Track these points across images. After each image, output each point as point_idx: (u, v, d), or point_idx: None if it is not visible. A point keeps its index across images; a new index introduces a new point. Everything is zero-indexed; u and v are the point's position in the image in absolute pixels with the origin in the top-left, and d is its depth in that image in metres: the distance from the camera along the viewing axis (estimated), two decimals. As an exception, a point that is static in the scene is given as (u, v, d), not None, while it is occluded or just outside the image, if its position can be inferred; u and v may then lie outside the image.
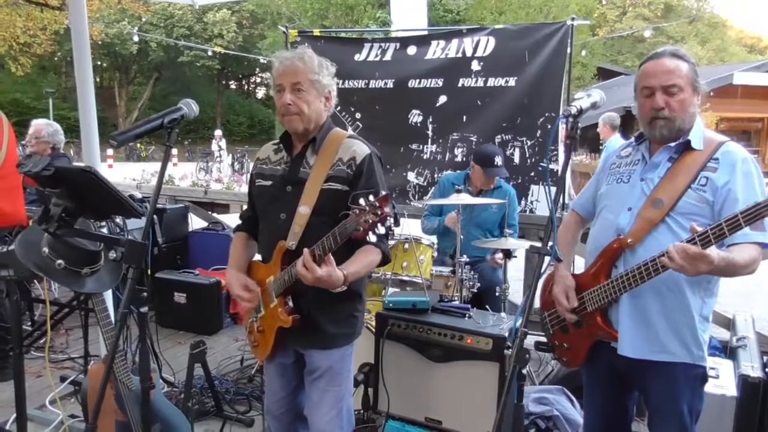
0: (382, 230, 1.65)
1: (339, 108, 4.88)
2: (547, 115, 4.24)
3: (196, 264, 5.05)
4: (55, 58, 29.85)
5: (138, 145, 28.13)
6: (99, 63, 33.53)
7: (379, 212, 1.61)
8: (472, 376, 2.56)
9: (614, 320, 1.83)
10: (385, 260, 1.97)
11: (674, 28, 31.37)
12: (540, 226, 4.32)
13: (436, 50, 4.52)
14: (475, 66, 4.41)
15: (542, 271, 1.64)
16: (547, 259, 1.65)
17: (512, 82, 4.32)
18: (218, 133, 19.22)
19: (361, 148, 1.97)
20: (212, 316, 4.56)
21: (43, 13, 10.08)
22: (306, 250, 1.76)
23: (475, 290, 3.50)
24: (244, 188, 9.32)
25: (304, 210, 1.91)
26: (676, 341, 1.77)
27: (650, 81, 1.78)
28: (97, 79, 36.97)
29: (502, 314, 2.79)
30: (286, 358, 2.11)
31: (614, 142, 6.79)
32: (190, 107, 1.69)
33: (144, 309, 1.61)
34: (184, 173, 8.21)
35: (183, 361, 3.43)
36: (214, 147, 18.62)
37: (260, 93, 41.82)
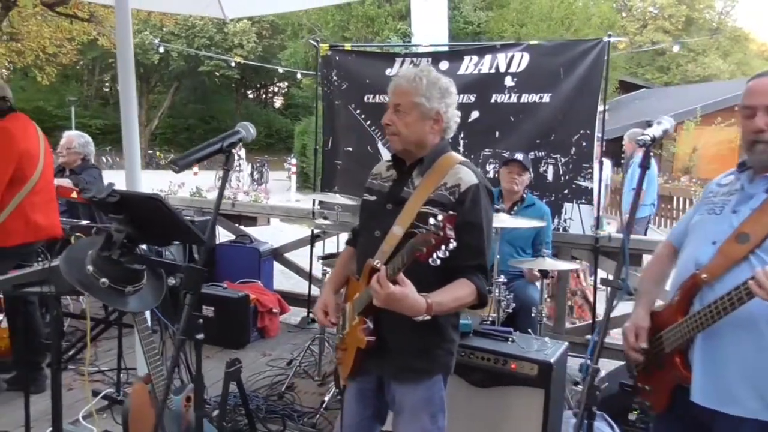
0: (442, 254, 1.60)
1: (369, 123, 4.87)
2: (582, 132, 4.18)
3: (224, 277, 5.03)
4: (77, 67, 30.32)
5: (157, 153, 28.45)
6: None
7: (440, 233, 1.54)
8: (516, 402, 2.50)
9: (692, 362, 1.69)
10: (480, 301, 1.88)
11: (695, 41, 31.08)
12: (573, 245, 4.26)
13: (468, 66, 4.48)
14: (509, 82, 4.37)
15: (613, 305, 1.57)
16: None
17: (546, 98, 4.27)
18: (237, 142, 19.27)
19: (469, 177, 1.91)
20: (240, 330, 4.54)
21: (72, 25, 10.23)
22: (383, 266, 1.72)
23: (510, 310, 3.45)
24: (272, 201, 9.36)
25: (397, 230, 1.87)
26: (750, 391, 1.57)
27: (752, 100, 1.62)
28: (118, 88, 37.52)
29: (546, 339, 2.73)
30: (367, 382, 2.06)
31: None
32: (247, 130, 1.67)
33: (200, 336, 1.58)
34: (210, 185, 8.24)
35: (211, 376, 3.40)
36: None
37: (278, 102, 42.10)
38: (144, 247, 3.48)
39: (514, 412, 2.50)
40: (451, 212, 1.62)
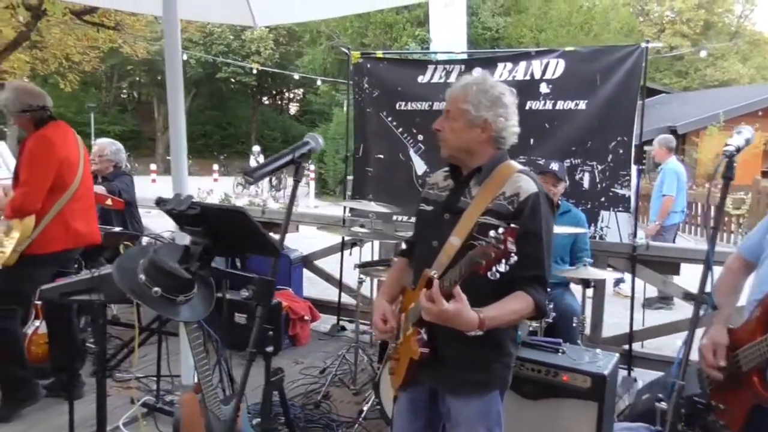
0: (502, 268, 1.57)
1: (401, 130, 4.86)
2: (619, 139, 4.13)
3: (255, 284, 5.02)
4: (97, 74, 30.67)
5: (174, 159, 28.68)
6: (138, 79, 34.35)
7: (501, 247, 1.51)
8: (567, 414, 2.46)
9: None
10: (538, 312, 1.84)
11: (715, 46, 30.75)
12: (610, 253, 4.20)
13: (503, 72, 4.45)
14: (544, 88, 4.33)
15: (699, 319, 1.52)
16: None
17: (582, 105, 4.23)
18: (257, 149, 19.37)
19: (528, 185, 1.86)
20: (273, 337, 4.51)
21: (99, 33, 10.37)
22: (436, 281, 1.67)
23: (550, 320, 3.40)
24: (301, 209, 9.28)
25: (455, 240, 1.84)
26: None
27: None
28: (136, 95, 37.93)
29: (597, 350, 2.69)
30: (419, 393, 2.03)
31: (671, 164, 6.63)
32: (316, 141, 1.66)
33: (270, 349, 1.56)
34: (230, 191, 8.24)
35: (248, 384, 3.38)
36: (253, 162, 18.77)
37: (293, 109, 42.28)
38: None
39: (566, 425, 2.46)
40: (512, 225, 1.58)
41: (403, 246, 2.24)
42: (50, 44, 11.97)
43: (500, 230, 1.53)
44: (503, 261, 1.53)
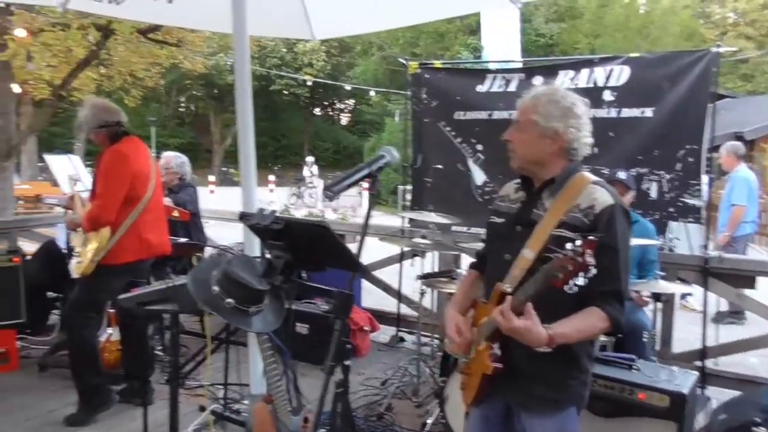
0: (580, 281, 1.54)
1: (460, 140, 4.84)
2: (688, 147, 4.00)
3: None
4: (158, 89, 31.85)
5: (231, 170, 29.47)
6: (195, 93, 35.52)
7: (579, 260, 1.48)
8: (643, 434, 2.37)
9: None
10: (615, 329, 1.79)
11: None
12: (680, 266, 4.05)
13: (564, 80, 4.38)
14: (608, 96, 4.24)
15: None
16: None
17: (649, 112, 4.11)
18: (310, 159, 19.74)
19: (604, 198, 1.83)
20: (333, 348, 4.55)
21: (162, 50, 10.79)
22: (509, 297, 1.67)
23: (620, 334, 3.30)
24: (357, 219, 9.30)
25: (528, 254, 1.81)
26: None
27: None
28: (193, 108, 39.23)
29: (674, 368, 2.58)
30: (492, 409, 2.00)
31: (741, 172, 6.34)
32: (391, 154, 1.68)
33: (348, 362, 1.57)
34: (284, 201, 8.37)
35: (309, 394, 3.39)
36: (306, 173, 19.10)
37: (344, 120, 42.76)
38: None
39: (642, 445, 2.37)
40: (590, 237, 1.55)
41: (474, 259, 2.22)
42: (116, 62, 12.48)
43: (578, 242, 1.51)
44: (581, 274, 1.51)
